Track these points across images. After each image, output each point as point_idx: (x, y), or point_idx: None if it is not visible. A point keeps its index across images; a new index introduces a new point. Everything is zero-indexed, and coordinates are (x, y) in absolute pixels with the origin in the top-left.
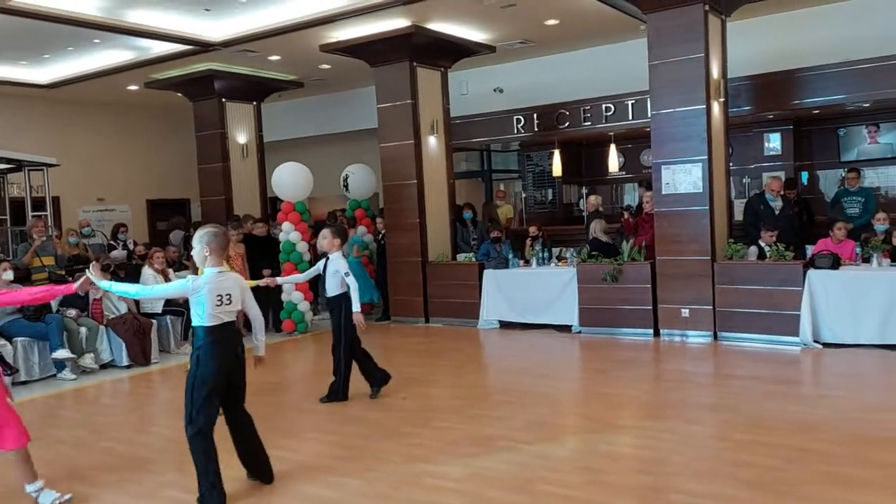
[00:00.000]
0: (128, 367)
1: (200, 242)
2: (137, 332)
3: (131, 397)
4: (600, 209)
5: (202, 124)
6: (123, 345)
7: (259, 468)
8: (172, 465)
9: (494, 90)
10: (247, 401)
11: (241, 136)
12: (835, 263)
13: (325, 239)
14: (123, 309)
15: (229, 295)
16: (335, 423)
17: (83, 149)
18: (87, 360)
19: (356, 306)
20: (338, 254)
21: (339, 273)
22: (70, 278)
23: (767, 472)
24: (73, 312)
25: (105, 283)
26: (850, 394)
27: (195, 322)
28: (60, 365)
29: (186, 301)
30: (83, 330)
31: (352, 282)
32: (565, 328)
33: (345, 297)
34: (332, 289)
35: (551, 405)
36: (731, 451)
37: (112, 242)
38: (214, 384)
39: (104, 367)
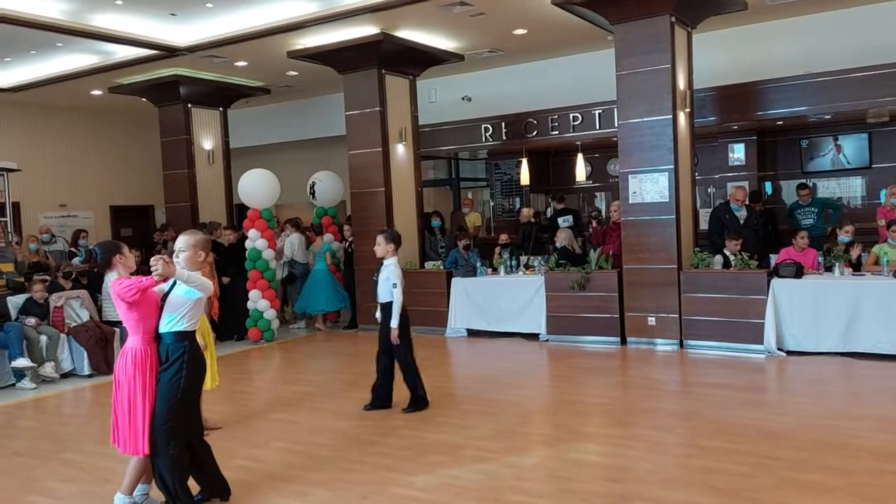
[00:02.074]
0: (89, 376)
1: (195, 248)
2: (99, 340)
3: (93, 407)
4: (532, 221)
5: (167, 130)
6: (85, 353)
7: (218, 485)
8: None
9: (463, 99)
10: (213, 410)
11: (207, 143)
12: (798, 272)
13: (380, 245)
14: (85, 317)
15: None
16: (302, 433)
17: (45, 154)
18: (48, 369)
19: (394, 321)
20: (393, 260)
21: (389, 280)
22: (27, 284)
23: (735, 478)
24: (32, 321)
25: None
26: (814, 401)
27: (178, 327)
28: (20, 374)
29: None
30: (43, 338)
31: (397, 294)
32: (533, 336)
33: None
34: (384, 294)
35: (519, 413)
36: (699, 459)
37: (73, 249)
38: (199, 390)
39: (65, 376)
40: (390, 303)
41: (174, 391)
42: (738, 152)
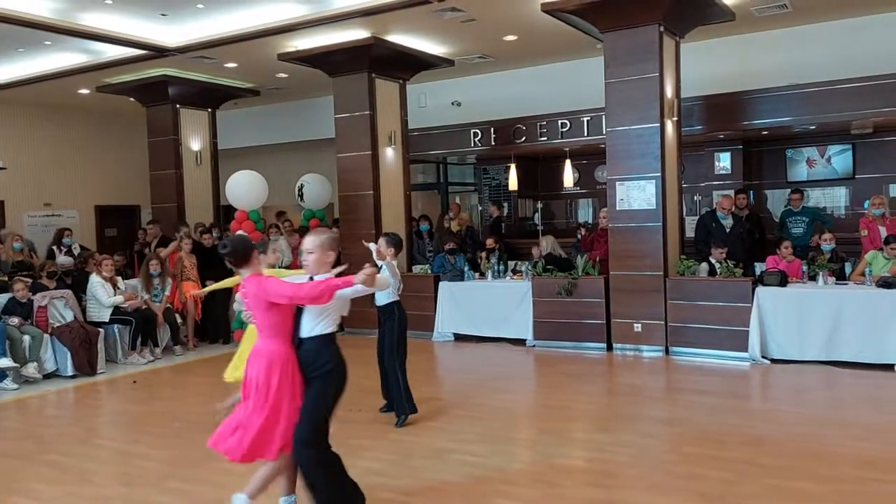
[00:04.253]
0: (73, 376)
1: (322, 248)
2: (84, 340)
3: (76, 408)
4: (470, 226)
5: (155, 130)
6: (69, 354)
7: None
8: (119, 478)
9: (452, 103)
10: (196, 412)
11: (194, 143)
12: (782, 281)
13: (381, 248)
14: (69, 317)
15: None
16: None
17: (30, 152)
18: (30, 370)
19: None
20: (393, 263)
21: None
22: (10, 283)
23: (719, 485)
24: (15, 320)
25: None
26: (797, 409)
27: (324, 330)
28: (2, 374)
29: (137, 309)
30: (26, 338)
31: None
32: (520, 342)
33: (397, 305)
34: (382, 298)
35: (506, 418)
36: (684, 465)
37: (53, 247)
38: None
39: (48, 376)
40: (391, 304)
41: (321, 398)
42: (724, 161)
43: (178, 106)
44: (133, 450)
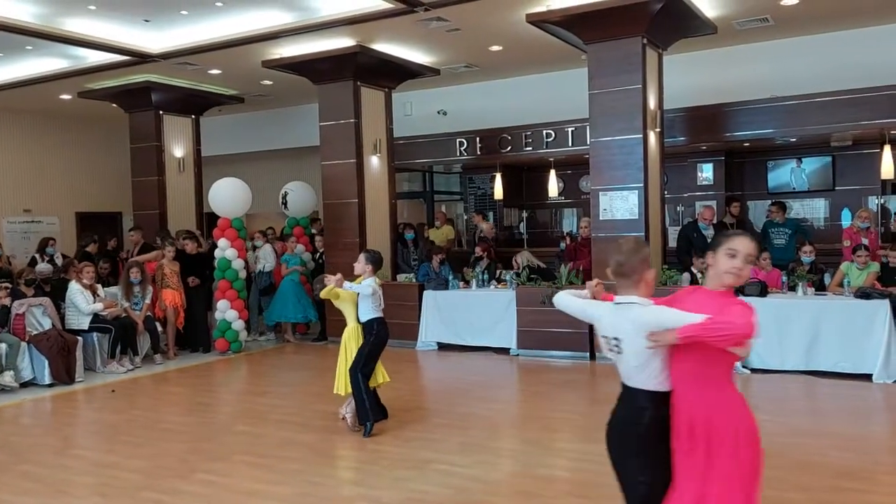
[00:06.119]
0: (50, 385)
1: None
2: (62, 349)
3: (53, 418)
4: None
5: (138, 136)
6: (46, 362)
7: None
8: (94, 489)
9: (438, 112)
10: (175, 422)
11: (178, 150)
12: (762, 291)
13: (359, 263)
14: (47, 324)
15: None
16: (266, 447)
17: (10, 158)
18: (7, 378)
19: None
20: (370, 280)
21: (367, 300)
22: None
23: None
24: None
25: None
26: (777, 419)
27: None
28: None
29: (116, 317)
30: (3, 346)
31: (359, 288)
32: (503, 350)
33: (377, 322)
34: (364, 314)
35: (488, 428)
36: None
37: (36, 255)
38: None
39: (24, 385)
40: (371, 320)
41: None
42: (706, 172)
43: (161, 112)
44: (109, 460)
